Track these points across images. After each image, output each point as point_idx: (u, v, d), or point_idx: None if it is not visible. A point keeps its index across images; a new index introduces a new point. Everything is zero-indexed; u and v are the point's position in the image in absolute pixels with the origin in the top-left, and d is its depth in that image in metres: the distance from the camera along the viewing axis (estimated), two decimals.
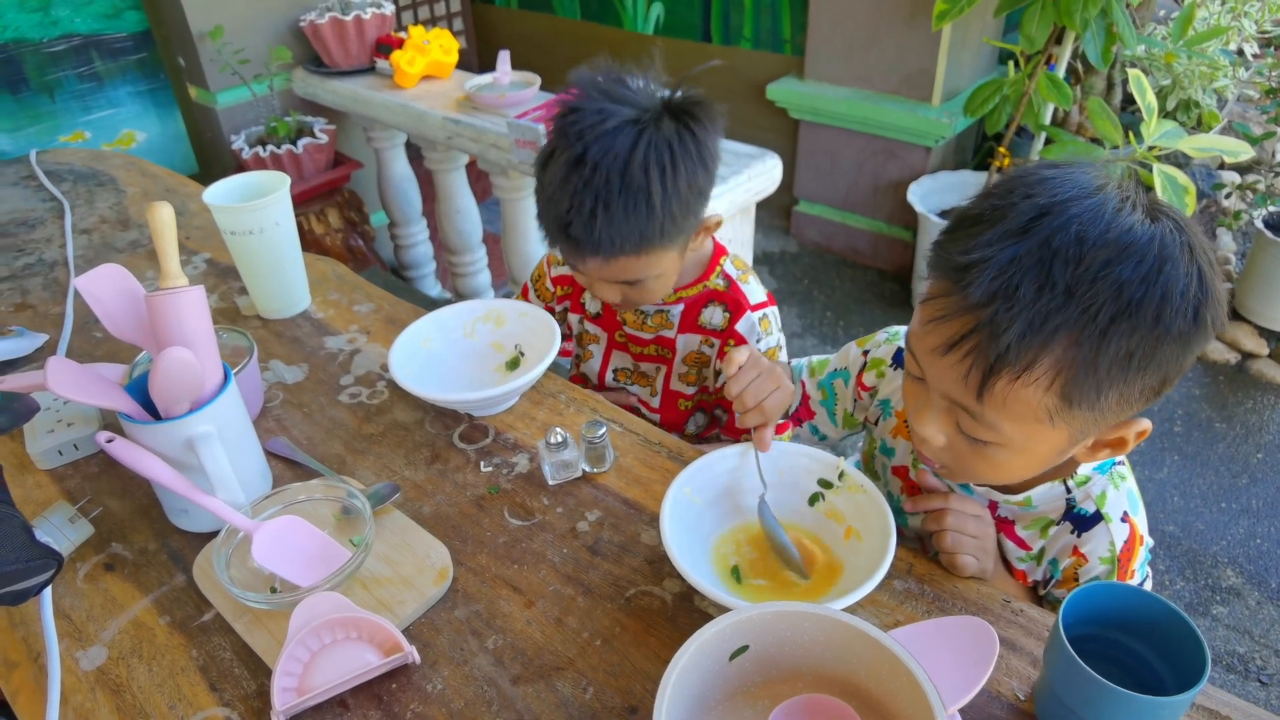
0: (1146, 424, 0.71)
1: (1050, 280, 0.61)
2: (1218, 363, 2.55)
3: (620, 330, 1.20)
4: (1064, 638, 0.62)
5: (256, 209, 1.12)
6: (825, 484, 0.85)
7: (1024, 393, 0.65)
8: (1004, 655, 0.73)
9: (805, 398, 1.07)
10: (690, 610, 0.79)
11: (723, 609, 0.73)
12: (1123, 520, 0.80)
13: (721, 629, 0.61)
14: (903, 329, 0.98)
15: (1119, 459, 0.83)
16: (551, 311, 1.27)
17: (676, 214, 0.96)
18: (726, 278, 1.14)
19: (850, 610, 0.74)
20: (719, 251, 1.16)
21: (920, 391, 0.75)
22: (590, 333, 1.25)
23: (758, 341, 1.12)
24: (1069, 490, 0.81)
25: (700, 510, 0.84)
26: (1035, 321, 0.62)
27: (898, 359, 0.97)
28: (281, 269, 1.21)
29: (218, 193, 1.16)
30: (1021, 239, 0.63)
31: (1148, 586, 0.85)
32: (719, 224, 1.07)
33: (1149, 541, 0.83)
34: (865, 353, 1.00)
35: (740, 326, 1.12)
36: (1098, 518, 0.80)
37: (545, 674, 0.74)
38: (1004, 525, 0.85)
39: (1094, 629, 0.67)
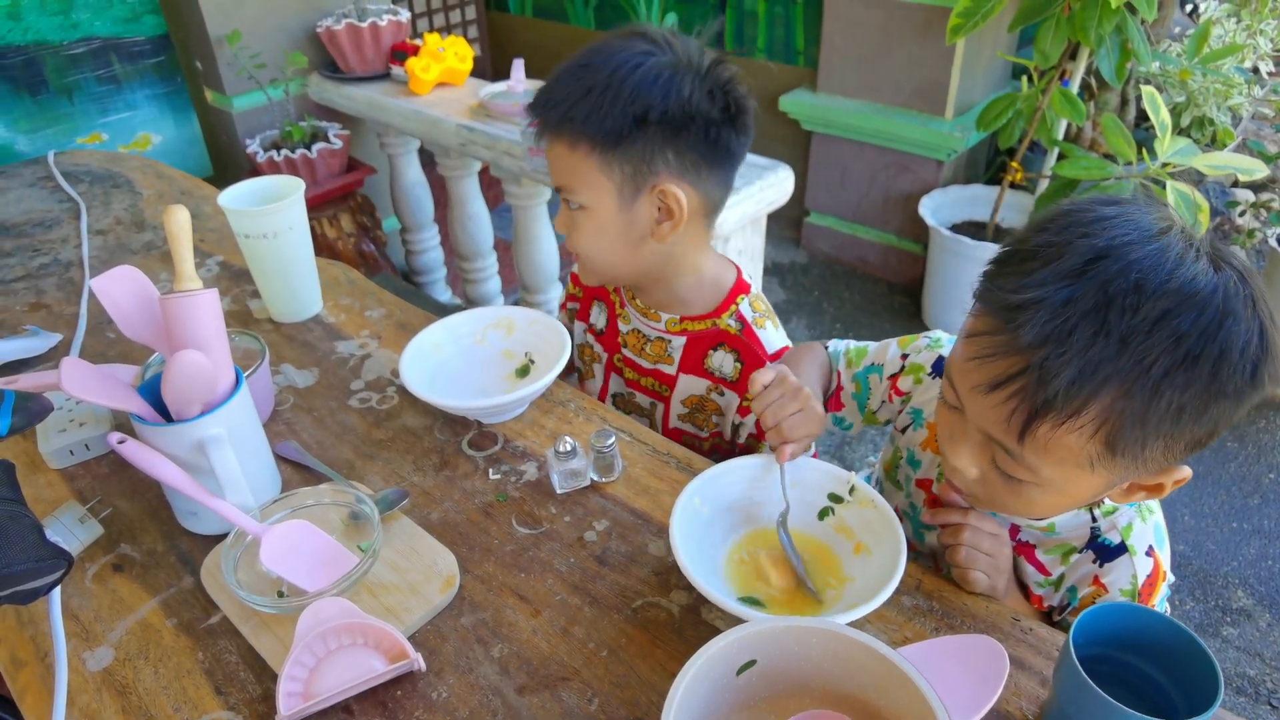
0: (1187, 472, 0.69)
1: (1105, 328, 0.59)
2: None
3: (619, 353, 1.16)
4: (1074, 658, 0.61)
5: (271, 213, 1.13)
6: (835, 498, 0.85)
7: (1067, 438, 0.63)
8: (1013, 674, 0.73)
9: (839, 388, 1.03)
10: (697, 623, 0.79)
11: (730, 622, 0.73)
12: (1147, 554, 0.79)
13: (729, 643, 0.61)
14: (945, 335, 0.96)
15: None
16: (567, 309, 1.27)
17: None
18: (741, 320, 1.06)
19: (858, 626, 0.73)
20: (739, 288, 1.08)
21: (957, 421, 0.73)
22: (594, 349, 1.21)
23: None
24: (1094, 519, 0.80)
25: (710, 520, 0.83)
26: (1086, 369, 0.60)
27: (937, 367, 0.94)
28: (295, 273, 1.21)
29: (233, 196, 1.17)
30: (1077, 281, 0.61)
31: None
32: (680, 206, 0.96)
33: (1171, 578, 0.82)
34: (904, 356, 0.97)
35: None
36: (1122, 549, 0.79)
37: (551, 684, 0.74)
38: (1025, 549, 0.84)
39: (1105, 650, 0.67)
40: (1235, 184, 3.24)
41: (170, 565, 0.87)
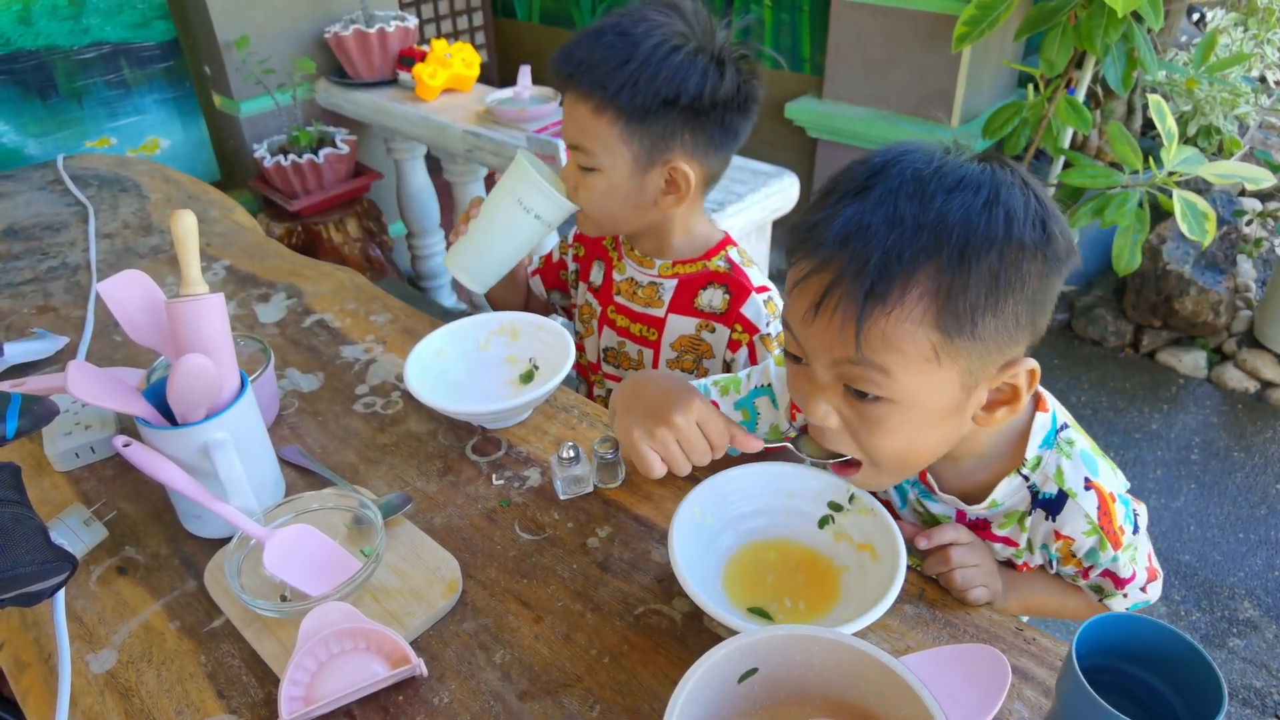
0: (1033, 363, 0.71)
1: (898, 215, 0.64)
2: (1236, 391, 2.53)
3: (612, 304, 1.20)
4: (1077, 669, 0.61)
5: (559, 204, 1.10)
6: (835, 506, 0.84)
7: (902, 328, 0.65)
8: (1015, 684, 0.72)
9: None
10: (699, 630, 0.78)
11: (733, 630, 0.73)
12: (1087, 488, 0.79)
13: (731, 650, 0.60)
14: None
15: (1062, 424, 0.81)
16: (564, 266, 1.31)
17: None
18: (729, 261, 1.12)
19: (861, 635, 0.73)
20: (727, 240, 1.14)
21: (804, 373, 0.74)
22: (592, 306, 1.24)
23: (766, 325, 1.09)
24: (1027, 478, 0.80)
25: (711, 530, 0.83)
26: (892, 252, 0.63)
27: None
28: (513, 253, 1.17)
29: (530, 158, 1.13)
30: (864, 193, 0.66)
31: (1141, 540, 0.84)
32: (688, 183, 1.03)
33: (1121, 493, 0.81)
34: None
35: (746, 310, 1.09)
36: (1063, 497, 0.79)
37: (552, 690, 0.74)
38: (982, 529, 0.84)
39: (1108, 660, 0.66)
40: (1242, 193, 3.23)
41: (174, 568, 0.87)
